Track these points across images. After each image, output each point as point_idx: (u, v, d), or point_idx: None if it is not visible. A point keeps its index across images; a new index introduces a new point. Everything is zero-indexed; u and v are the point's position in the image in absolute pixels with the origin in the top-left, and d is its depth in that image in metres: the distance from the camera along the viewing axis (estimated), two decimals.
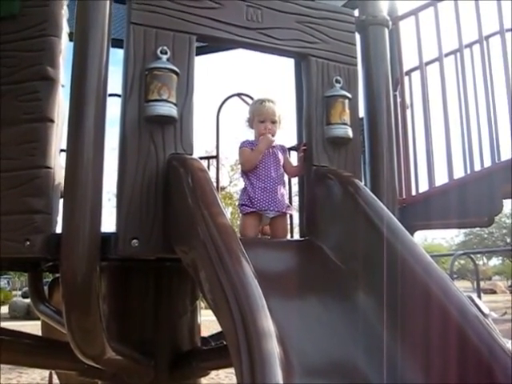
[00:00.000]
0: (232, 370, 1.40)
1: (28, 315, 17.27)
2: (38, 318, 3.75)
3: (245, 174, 2.73)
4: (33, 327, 4.60)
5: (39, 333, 3.78)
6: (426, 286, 1.77)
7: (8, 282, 36.99)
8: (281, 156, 2.78)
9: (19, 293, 31.17)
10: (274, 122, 2.76)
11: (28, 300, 13.55)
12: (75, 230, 1.86)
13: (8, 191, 2.04)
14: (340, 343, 1.79)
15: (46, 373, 5.53)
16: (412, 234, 3.16)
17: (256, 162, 2.67)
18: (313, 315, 1.91)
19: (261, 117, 2.77)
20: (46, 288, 3.57)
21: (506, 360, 1.51)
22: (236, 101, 4.80)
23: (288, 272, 2.23)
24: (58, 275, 3.08)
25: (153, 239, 2.05)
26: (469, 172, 3.38)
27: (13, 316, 19.12)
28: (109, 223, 2.40)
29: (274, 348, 1.30)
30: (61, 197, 2.04)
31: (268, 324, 1.37)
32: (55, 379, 4.33)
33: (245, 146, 2.74)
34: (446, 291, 1.73)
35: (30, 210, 2.00)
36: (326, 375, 1.67)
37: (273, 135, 2.74)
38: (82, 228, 1.86)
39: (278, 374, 1.25)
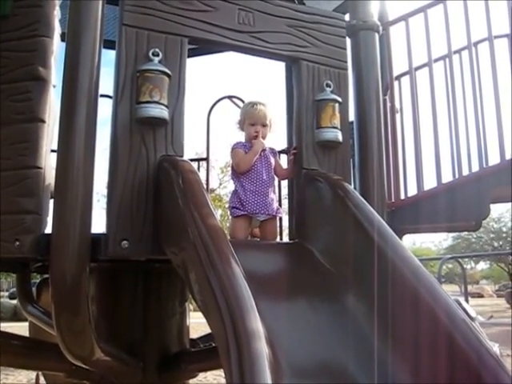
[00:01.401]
0: (220, 372, 1.41)
1: (15, 316, 17.09)
2: (25, 320, 3.72)
3: (236, 176, 2.72)
4: (20, 328, 4.56)
5: (26, 334, 3.75)
6: (415, 289, 1.78)
7: None
8: (272, 159, 2.78)
9: (6, 294, 30.87)
10: (264, 126, 2.75)
11: (15, 301, 13.44)
12: (65, 231, 1.86)
13: None
14: (329, 345, 1.79)
15: (33, 374, 5.48)
16: (401, 237, 3.17)
17: (251, 163, 2.66)
18: (302, 317, 1.91)
19: (251, 120, 2.76)
20: (33, 289, 3.55)
21: (493, 363, 1.53)
22: (227, 103, 4.80)
23: (277, 274, 2.24)
24: (46, 276, 3.07)
25: (143, 240, 2.05)
26: (457, 176, 3.41)
27: None
28: (98, 224, 2.40)
29: (263, 348, 1.31)
30: (51, 197, 2.04)
31: (257, 325, 1.38)
32: (42, 381, 4.30)
33: (238, 147, 2.73)
34: (434, 295, 1.74)
35: (20, 210, 2.00)
36: (315, 377, 1.67)
37: (263, 138, 2.74)
38: (72, 228, 1.86)
39: (267, 375, 1.25)
